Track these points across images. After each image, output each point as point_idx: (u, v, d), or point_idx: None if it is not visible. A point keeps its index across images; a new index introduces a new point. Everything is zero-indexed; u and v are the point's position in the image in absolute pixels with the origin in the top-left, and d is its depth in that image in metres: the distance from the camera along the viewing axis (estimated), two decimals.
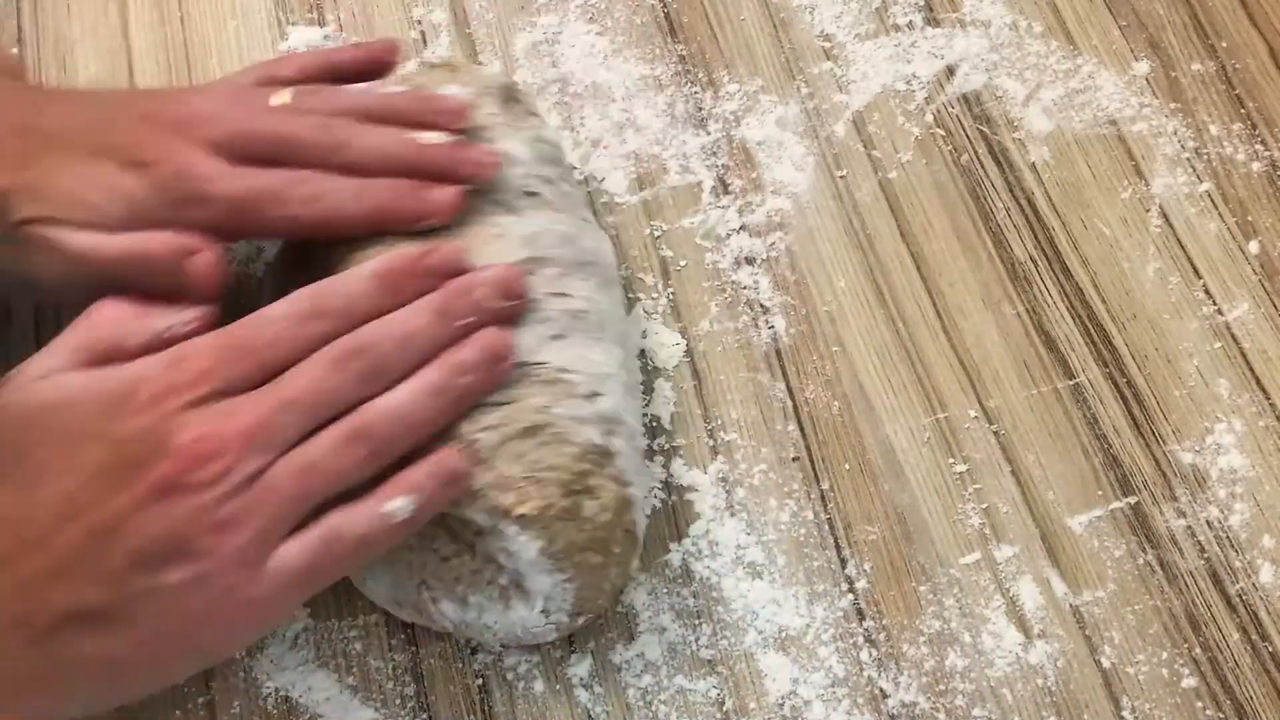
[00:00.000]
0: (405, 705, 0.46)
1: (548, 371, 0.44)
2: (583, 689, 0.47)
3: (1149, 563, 0.49)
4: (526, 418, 0.43)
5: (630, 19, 0.61)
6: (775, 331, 0.54)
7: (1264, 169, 0.57)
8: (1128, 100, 0.59)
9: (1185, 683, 0.47)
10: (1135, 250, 0.55)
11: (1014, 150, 0.58)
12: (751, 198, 0.56)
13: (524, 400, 0.43)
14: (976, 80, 0.59)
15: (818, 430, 0.52)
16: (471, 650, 0.47)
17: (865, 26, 0.61)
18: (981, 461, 0.51)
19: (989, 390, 0.52)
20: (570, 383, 0.44)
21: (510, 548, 0.43)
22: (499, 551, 0.43)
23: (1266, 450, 0.51)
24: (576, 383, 0.45)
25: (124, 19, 0.60)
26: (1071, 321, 0.54)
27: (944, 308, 0.54)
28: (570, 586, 0.44)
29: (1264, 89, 0.59)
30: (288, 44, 0.60)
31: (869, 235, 0.56)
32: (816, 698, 0.47)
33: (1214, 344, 0.53)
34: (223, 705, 0.46)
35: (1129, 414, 0.52)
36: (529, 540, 0.42)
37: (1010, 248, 0.55)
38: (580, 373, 0.45)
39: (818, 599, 0.48)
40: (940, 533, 0.50)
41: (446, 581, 0.44)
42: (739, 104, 0.59)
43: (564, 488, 0.43)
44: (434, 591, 0.44)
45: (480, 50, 0.60)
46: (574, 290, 0.47)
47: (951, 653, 0.48)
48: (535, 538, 0.43)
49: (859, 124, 0.58)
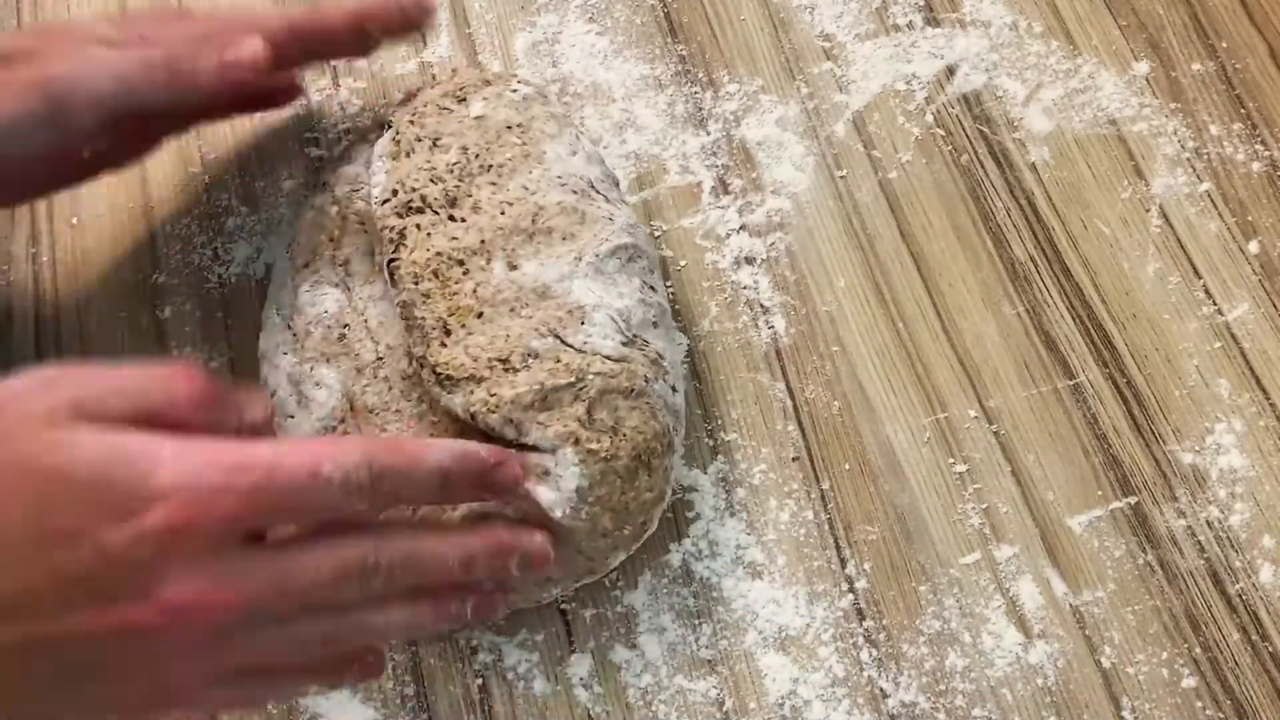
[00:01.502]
0: (405, 705, 0.46)
1: (651, 350, 0.47)
2: (583, 689, 0.47)
3: (1149, 563, 0.49)
4: (634, 380, 0.45)
5: (630, 19, 0.61)
6: (775, 331, 0.54)
7: (1264, 169, 0.57)
8: (1128, 100, 0.59)
9: (1185, 683, 0.47)
10: (1135, 250, 0.55)
11: (1014, 150, 0.58)
12: (751, 198, 0.56)
13: (634, 364, 0.46)
14: (976, 80, 0.59)
15: (818, 430, 0.52)
16: (472, 650, 0.47)
17: (865, 26, 0.61)
18: (981, 461, 0.51)
19: (989, 390, 0.52)
20: (665, 369, 0.47)
21: (557, 470, 0.43)
22: (538, 468, 0.44)
23: (1266, 450, 0.51)
24: (668, 371, 0.47)
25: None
26: (1071, 321, 0.54)
27: (944, 308, 0.54)
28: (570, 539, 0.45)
29: (1264, 89, 0.59)
30: None
31: (869, 235, 0.56)
32: (816, 697, 0.47)
33: (1214, 344, 0.53)
34: None
35: (1129, 414, 0.52)
36: (577, 472, 0.43)
37: (1010, 248, 0.55)
38: (671, 362, 0.48)
39: (818, 599, 0.48)
40: (940, 533, 0.50)
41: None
42: (739, 104, 0.59)
43: (635, 451, 0.45)
44: None
45: (480, 50, 0.60)
46: (658, 285, 0.49)
47: (951, 653, 0.48)
48: (584, 475, 0.44)
49: (859, 124, 0.58)
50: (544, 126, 0.50)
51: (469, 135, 0.49)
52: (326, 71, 0.59)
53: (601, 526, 0.45)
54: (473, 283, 0.46)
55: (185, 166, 0.57)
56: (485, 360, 0.44)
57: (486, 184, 0.48)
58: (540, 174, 0.48)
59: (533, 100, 0.51)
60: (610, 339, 0.46)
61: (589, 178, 0.50)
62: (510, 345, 0.45)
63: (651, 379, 0.46)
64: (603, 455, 0.44)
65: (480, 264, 0.46)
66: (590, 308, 0.46)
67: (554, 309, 0.46)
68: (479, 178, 0.48)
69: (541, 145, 0.49)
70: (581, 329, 0.45)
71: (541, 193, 0.48)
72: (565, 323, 0.45)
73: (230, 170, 0.57)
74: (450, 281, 0.46)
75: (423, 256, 0.46)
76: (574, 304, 0.46)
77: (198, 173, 0.57)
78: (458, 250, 0.46)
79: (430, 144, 0.49)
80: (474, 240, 0.47)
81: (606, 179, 0.51)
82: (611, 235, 0.48)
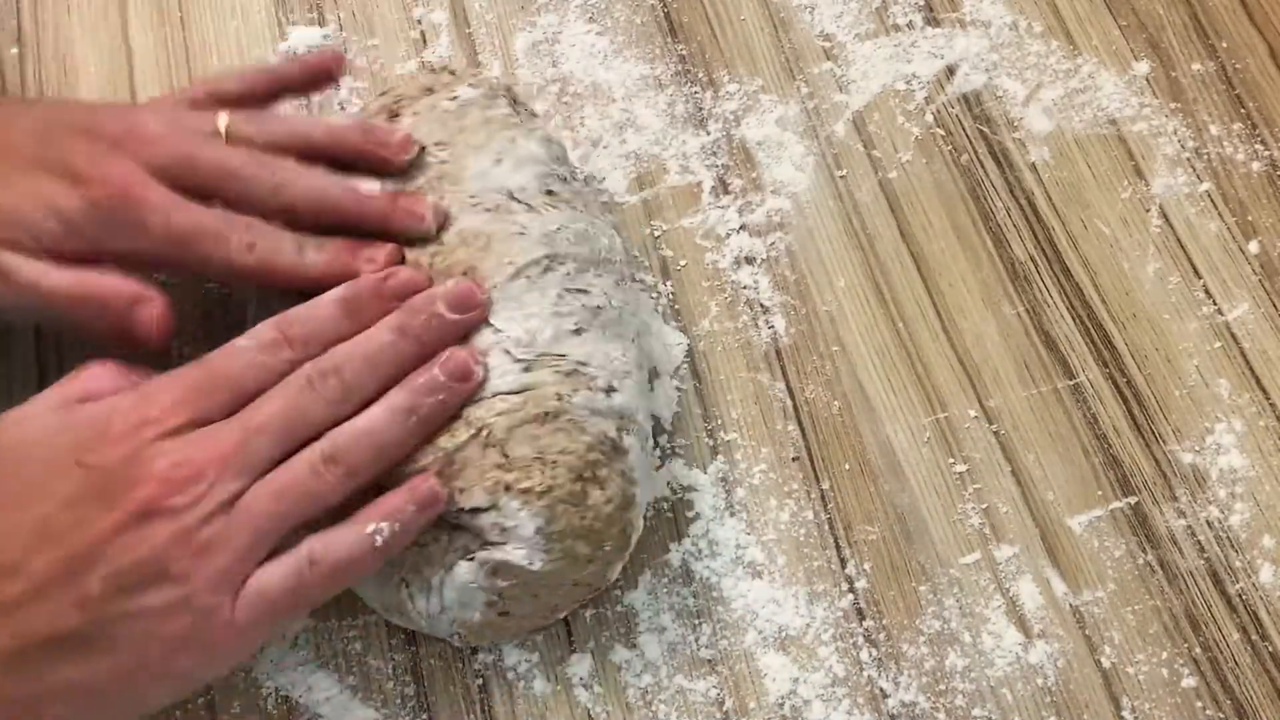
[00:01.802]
0: (405, 705, 0.46)
1: (566, 363, 0.45)
2: (583, 689, 0.47)
3: (1149, 563, 0.49)
4: (543, 404, 0.44)
5: (630, 19, 0.61)
6: (775, 331, 0.54)
7: (1264, 169, 0.57)
8: (1128, 100, 0.59)
9: (1185, 683, 0.47)
10: (1135, 250, 0.55)
11: (1014, 150, 0.58)
12: (751, 197, 0.57)
13: (541, 388, 0.44)
14: (976, 80, 0.59)
15: (818, 430, 0.52)
16: (472, 650, 0.47)
17: (865, 26, 0.61)
18: (981, 461, 0.51)
19: (989, 390, 0.52)
20: (588, 375, 0.45)
21: (507, 523, 0.43)
22: (492, 529, 0.43)
23: (1266, 450, 0.51)
24: (594, 375, 0.45)
25: (124, 19, 0.60)
26: (1071, 321, 0.54)
27: (944, 308, 0.54)
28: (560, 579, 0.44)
29: (1264, 89, 0.59)
30: (287, 44, 0.60)
31: (869, 235, 0.56)
32: (816, 697, 0.47)
33: (1214, 344, 0.53)
34: (223, 705, 0.46)
35: (1129, 414, 0.52)
36: (528, 517, 0.43)
37: (1010, 248, 0.55)
38: (598, 366, 0.45)
39: (818, 599, 0.48)
40: (940, 533, 0.50)
41: (422, 572, 0.44)
42: (739, 104, 0.59)
43: (573, 472, 0.43)
44: (411, 588, 0.44)
45: (480, 50, 0.60)
46: (591, 286, 0.47)
47: (951, 652, 0.48)
48: (535, 515, 0.43)
49: (859, 124, 0.58)
50: (470, 138, 0.48)
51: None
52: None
53: (581, 554, 0.44)
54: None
55: None
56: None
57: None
58: (452, 197, 0.47)
59: (471, 106, 0.49)
60: (507, 375, 0.44)
61: (509, 188, 0.47)
62: None
63: (568, 394, 0.44)
64: (539, 490, 0.43)
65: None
66: (483, 351, 0.44)
67: None
68: None
69: (464, 160, 0.48)
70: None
71: (449, 223, 0.47)
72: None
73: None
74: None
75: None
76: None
77: None
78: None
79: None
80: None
81: (545, 176, 0.49)
82: (519, 253, 0.46)
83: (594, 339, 0.46)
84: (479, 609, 0.44)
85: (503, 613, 0.44)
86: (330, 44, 0.60)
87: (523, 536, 0.43)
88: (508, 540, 0.43)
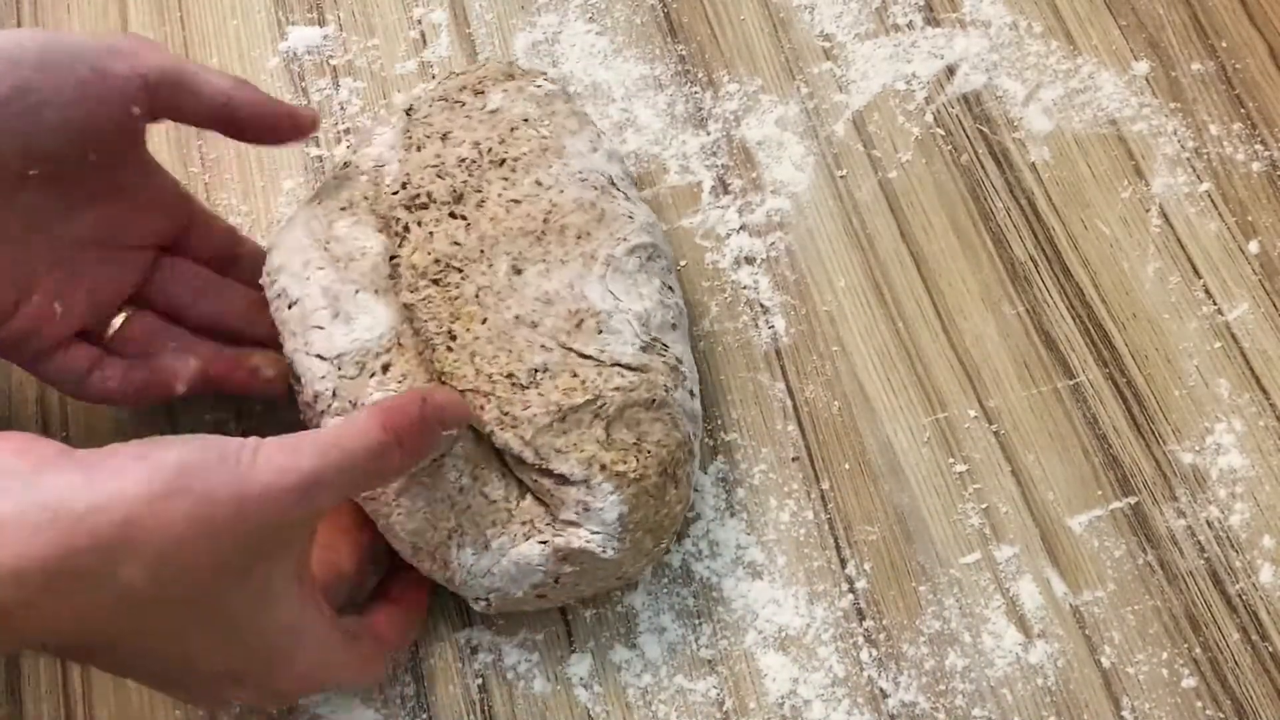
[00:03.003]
0: (405, 705, 0.46)
1: (670, 356, 0.46)
2: (583, 688, 0.47)
3: (1149, 563, 0.49)
4: (654, 391, 0.44)
5: (630, 19, 0.61)
6: (775, 331, 0.54)
7: (1264, 169, 0.57)
8: (1128, 100, 0.59)
9: (1185, 683, 0.47)
10: (1135, 250, 0.55)
11: (1014, 150, 0.58)
12: (751, 198, 0.56)
13: (653, 374, 0.44)
14: (976, 80, 0.59)
15: (818, 430, 0.52)
16: (472, 650, 0.47)
17: (865, 26, 0.60)
18: (981, 461, 0.51)
19: (989, 390, 0.52)
20: (683, 375, 0.46)
21: (594, 503, 0.43)
22: (576, 505, 0.43)
23: (1266, 450, 0.51)
24: (685, 376, 0.46)
25: (124, 18, 0.61)
26: (1071, 321, 0.54)
27: (944, 308, 0.54)
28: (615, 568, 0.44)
29: (1264, 89, 0.59)
30: (287, 44, 0.60)
31: (869, 235, 0.56)
32: (816, 697, 0.47)
33: (1214, 344, 0.53)
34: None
35: (1129, 414, 0.52)
36: (616, 501, 0.43)
37: (1010, 248, 0.55)
38: (688, 368, 0.47)
39: (818, 599, 0.48)
40: (940, 533, 0.50)
41: (480, 526, 0.43)
42: (739, 104, 0.59)
43: (662, 465, 0.44)
44: (464, 536, 0.43)
45: (480, 50, 0.60)
46: (675, 287, 0.48)
47: (951, 653, 0.48)
48: (622, 501, 0.43)
49: (859, 124, 0.58)
50: (565, 122, 0.49)
51: (480, 129, 0.48)
52: (326, 71, 0.59)
53: (644, 549, 0.44)
54: (474, 287, 0.45)
55: (185, 166, 0.57)
56: (488, 375, 0.43)
57: (499, 179, 0.47)
58: (559, 168, 0.47)
59: (555, 96, 0.51)
60: (629, 345, 0.44)
61: (610, 174, 0.49)
62: (515, 359, 0.43)
63: (671, 387, 0.45)
64: (633, 476, 0.43)
65: (481, 269, 0.45)
66: (606, 313, 0.45)
67: (564, 317, 0.44)
68: (490, 172, 0.47)
69: (562, 140, 0.48)
70: (597, 337, 0.44)
71: (559, 187, 0.47)
72: (577, 332, 0.44)
73: (230, 170, 0.57)
74: (450, 286, 0.45)
75: (422, 260, 0.45)
76: (588, 310, 0.45)
77: (197, 172, 0.57)
78: (458, 252, 0.45)
79: (440, 138, 0.48)
80: (474, 242, 0.46)
81: (626, 178, 0.50)
82: (631, 234, 0.47)
83: (681, 340, 0.47)
84: (526, 587, 0.44)
85: (541, 595, 0.45)
86: (330, 44, 0.60)
87: (605, 520, 0.43)
88: (586, 522, 0.43)
